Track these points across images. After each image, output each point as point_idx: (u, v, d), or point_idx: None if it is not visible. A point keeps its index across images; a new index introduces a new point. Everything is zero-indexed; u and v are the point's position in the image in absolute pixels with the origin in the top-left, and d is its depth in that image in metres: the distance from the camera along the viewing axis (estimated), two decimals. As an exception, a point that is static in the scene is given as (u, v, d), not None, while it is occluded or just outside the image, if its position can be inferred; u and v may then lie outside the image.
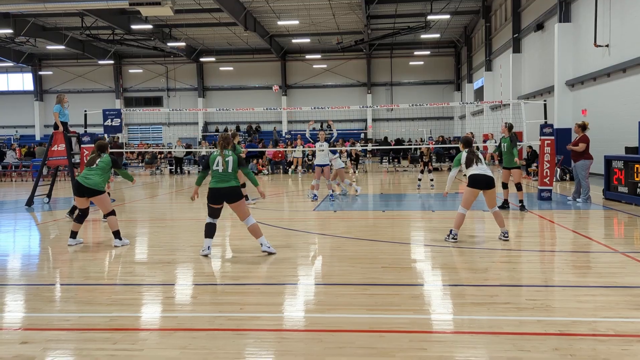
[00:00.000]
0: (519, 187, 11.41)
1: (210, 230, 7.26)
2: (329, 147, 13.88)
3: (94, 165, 8.21)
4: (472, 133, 22.48)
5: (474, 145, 8.43)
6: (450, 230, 7.99)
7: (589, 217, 10.58)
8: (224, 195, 7.13)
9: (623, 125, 16.43)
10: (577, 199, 12.17)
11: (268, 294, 5.44)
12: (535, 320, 4.47)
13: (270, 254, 7.20)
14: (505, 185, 11.64)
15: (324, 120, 43.18)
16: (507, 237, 7.94)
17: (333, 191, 13.87)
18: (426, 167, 16.93)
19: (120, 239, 8.16)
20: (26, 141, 40.14)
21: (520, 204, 11.28)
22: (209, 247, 7.22)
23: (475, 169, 7.93)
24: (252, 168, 23.57)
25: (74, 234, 8.29)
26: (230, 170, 7.11)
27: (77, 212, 8.46)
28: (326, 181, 13.81)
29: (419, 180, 16.73)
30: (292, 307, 5.07)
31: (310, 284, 5.88)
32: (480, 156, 8.09)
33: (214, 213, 7.31)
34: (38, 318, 4.83)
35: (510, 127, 11.65)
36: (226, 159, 7.12)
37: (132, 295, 5.49)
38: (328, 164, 13.58)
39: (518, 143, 11.70)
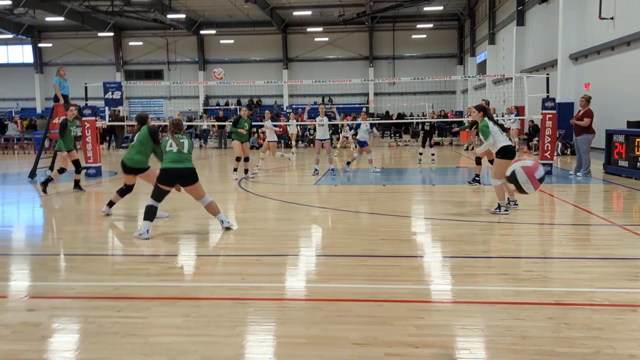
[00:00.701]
0: (478, 161, 11.23)
1: (151, 213, 6.75)
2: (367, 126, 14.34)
3: (133, 143, 7.99)
4: (486, 101, 22.32)
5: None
6: (499, 204, 7.93)
7: (588, 190, 10.63)
8: (178, 176, 6.79)
9: (626, 99, 16.35)
10: (578, 174, 12.20)
11: (269, 265, 5.52)
12: (531, 291, 4.55)
13: (228, 229, 7.01)
14: (478, 161, 11.31)
15: (326, 94, 43.02)
16: (517, 204, 8.22)
17: (350, 162, 14.34)
18: (428, 140, 16.90)
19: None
20: (27, 114, 40.01)
21: (476, 178, 11.15)
22: (147, 230, 6.65)
23: (505, 140, 7.97)
24: (253, 142, 23.55)
25: (111, 203, 8.30)
26: (185, 150, 6.82)
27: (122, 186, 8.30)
28: (327, 155, 13.84)
29: (420, 154, 16.73)
30: (292, 278, 5.15)
31: (311, 255, 5.96)
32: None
33: (160, 195, 6.86)
34: (44, 287, 4.92)
35: (487, 103, 11.99)
36: (181, 140, 6.84)
37: (136, 266, 5.57)
38: (328, 138, 13.60)
39: (515, 117, 11.70)
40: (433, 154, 17.11)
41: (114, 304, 4.36)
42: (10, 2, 30.95)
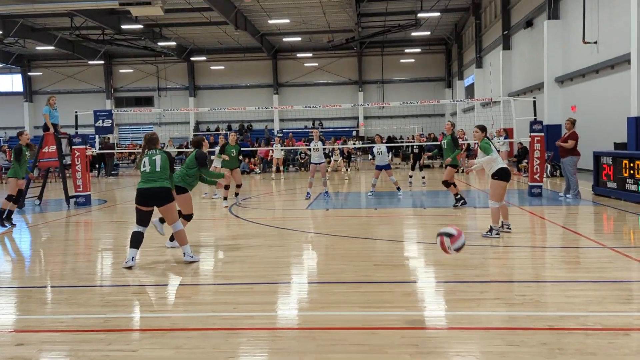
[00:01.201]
0: (446, 184, 11.38)
1: (136, 240, 6.59)
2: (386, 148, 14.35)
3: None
4: (461, 130, 22.60)
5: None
6: (491, 227, 7.96)
7: (578, 212, 10.69)
8: (151, 196, 6.55)
9: (612, 121, 16.58)
10: (567, 195, 12.29)
11: (261, 293, 5.48)
12: (524, 316, 4.55)
13: (192, 263, 6.77)
14: (447, 184, 11.45)
15: (316, 119, 43.29)
16: (510, 228, 8.23)
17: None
18: (417, 163, 17.08)
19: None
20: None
21: (457, 198, 11.31)
22: (132, 257, 6.53)
23: (502, 161, 8.05)
24: (244, 167, 23.56)
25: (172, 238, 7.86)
26: (158, 168, 6.52)
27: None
28: (322, 179, 13.95)
29: (410, 177, 16.83)
30: (285, 306, 5.11)
31: (303, 283, 5.93)
32: None
33: (142, 218, 6.64)
34: (32, 320, 4.85)
35: (453, 125, 12.16)
36: (153, 158, 6.58)
37: (126, 297, 5.51)
38: (323, 162, 13.72)
39: (504, 139, 11.84)
40: (423, 177, 17.21)
41: (104, 337, 4.29)
42: (0, 32, 31.06)
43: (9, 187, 10.38)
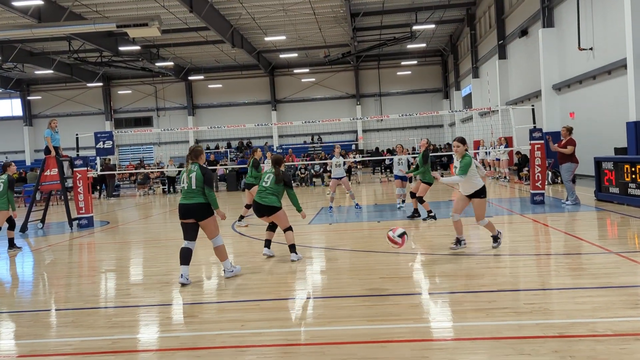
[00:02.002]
0: (420, 200, 11.52)
1: (184, 256, 6.73)
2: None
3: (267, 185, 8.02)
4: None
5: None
6: (494, 237, 7.88)
7: (581, 219, 10.68)
8: (190, 212, 6.73)
9: (611, 126, 16.63)
10: (566, 202, 12.29)
11: (268, 310, 5.46)
12: (534, 324, 4.52)
13: (235, 276, 6.97)
14: (417, 197, 11.68)
15: (315, 134, 43.40)
16: (498, 243, 7.85)
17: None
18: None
19: (296, 252, 7.90)
20: (16, 167, 39.89)
21: (429, 213, 11.46)
22: (182, 275, 6.63)
23: (479, 178, 7.76)
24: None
25: (267, 242, 8.25)
26: (194, 186, 6.69)
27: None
28: (347, 192, 14.40)
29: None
30: (292, 322, 5.09)
31: (310, 298, 5.90)
32: None
33: (187, 232, 6.82)
34: (39, 344, 4.82)
35: (428, 142, 12.19)
36: (189, 175, 6.74)
37: (133, 317, 5.49)
38: (344, 176, 14.26)
39: (504, 148, 11.83)
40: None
41: (112, 359, 4.27)
42: (-1, 57, 31.32)
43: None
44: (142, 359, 4.26)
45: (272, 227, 8.31)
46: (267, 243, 8.23)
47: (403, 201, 13.97)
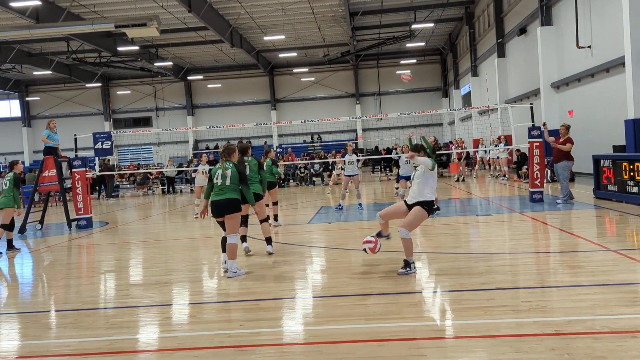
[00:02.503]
0: None
1: (225, 244, 7.20)
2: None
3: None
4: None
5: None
6: (406, 261, 6.58)
7: (580, 216, 10.69)
8: (220, 207, 7.02)
9: (610, 124, 16.63)
10: (558, 200, 12.30)
11: (267, 309, 5.46)
12: (531, 322, 4.53)
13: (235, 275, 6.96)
14: None
15: (315, 133, 43.39)
16: (406, 270, 6.48)
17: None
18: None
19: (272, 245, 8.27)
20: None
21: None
22: (224, 261, 7.21)
23: (434, 190, 6.77)
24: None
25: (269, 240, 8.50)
26: (228, 182, 7.02)
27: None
28: (355, 190, 14.28)
29: (397, 189, 16.90)
30: (291, 321, 5.09)
31: (308, 297, 5.91)
32: None
33: (223, 227, 7.26)
34: (38, 345, 4.82)
35: (435, 141, 12.12)
36: (224, 172, 7.06)
37: (131, 318, 5.49)
38: (356, 174, 14.10)
39: (504, 146, 11.81)
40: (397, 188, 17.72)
41: (111, 359, 4.27)
42: (-3, 58, 31.30)
43: (3, 217, 10.18)
44: (140, 359, 4.27)
45: (244, 223, 8.43)
46: (243, 238, 8.43)
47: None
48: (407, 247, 6.53)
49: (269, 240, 8.32)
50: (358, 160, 14.96)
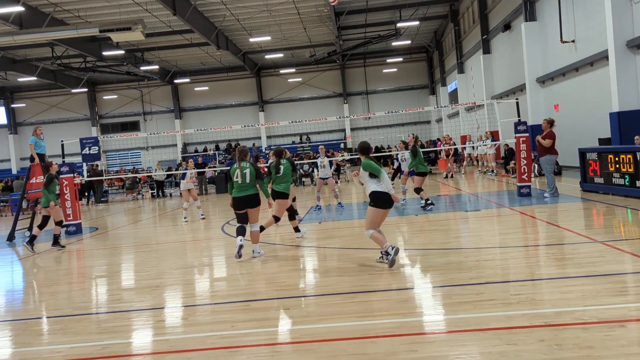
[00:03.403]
0: (417, 191, 12.45)
1: (241, 231, 8.05)
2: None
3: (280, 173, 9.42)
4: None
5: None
6: (381, 252, 6.92)
7: (567, 209, 10.79)
8: (244, 203, 7.97)
9: (594, 117, 16.80)
10: (545, 194, 12.41)
11: (258, 310, 5.47)
12: (521, 314, 4.58)
13: (258, 255, 8.10)
14: (414, 189, 12.64)
15: (303, 133, 43.41)
16: (389, 260, 6.59)
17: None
18: (398, 173, 17.56)
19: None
20: (2, 175, 39.56)
21: (424, 203, 12.27)
22: (240, 239, 7.94)
23: (377, 185, 6.86)
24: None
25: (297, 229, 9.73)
26: (248, 180, 7.93)
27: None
28: (332, 192, 14.57)
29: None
30: (282, 321, 5.11)
31: (300, 296, 5.93)
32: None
33: (241, 219, 8.13)
34: (29, 352, 4.79)
35: (415, 138, 12.81)
36: (243, 172, 7.93)
37: (122, 322, 5.47)
38: (330, 177, 14.40)
39: (491, 142, 11.94)
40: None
41: (102, 364, 4.26)
42: (-19, 66, 30.99)
43: (54, 214, 10.94)
44: (132, 363, 4.26)
45: (292, 215, 9.84)
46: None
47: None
48: (376, 241, 6.89)
49: (256, 235, 8.28)
50: (331, 163, 15.08)
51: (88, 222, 16.55)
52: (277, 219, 9.30)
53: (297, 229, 9.73)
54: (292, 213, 9.92)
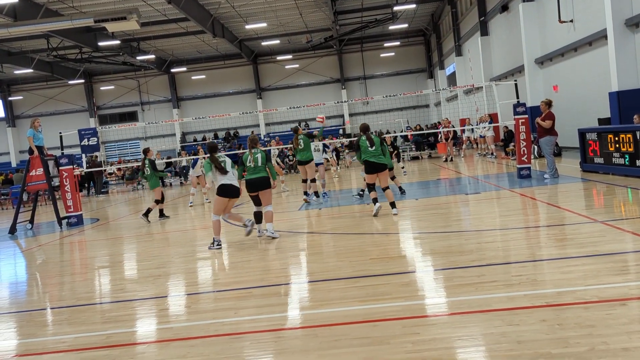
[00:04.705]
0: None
1: (258, 217, 8.77)
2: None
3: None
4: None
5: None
6: (213, 239, 8.35)
7: (567, 190, 10.80)
8: (256, 184, 8.53)
9: (594, 97, 16.75)
10: (545, 175, 12.41)
11: (261, 296, 5.49)
12: (522, 295, 4.60)
13: (273, 238, 8.47)
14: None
15: (302, 120, 43.29)
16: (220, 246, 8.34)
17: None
18: (398, 156, 18.02)
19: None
20: (2, 169, 39.54)
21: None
22: (258, 230, 8.78)
23: (222, 179, 8.33)
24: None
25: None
26: (259, 164, 8.56)
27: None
28: (320, 180, 13.90)
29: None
30: (285, 307, 5.13)
31: (302, 282, 5.95)
32: (228, 161, 8.46)
33: (255, 201, 8.74)
34: (34, 343, 4.83)
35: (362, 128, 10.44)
36: (255, 156, 8.57)
37: (126, 312, 5.50)
38: (321, 163, 13.98)
39: (489, 124, 11.93)
40: (403, 167, 18.22)
41: (107, 353, 4.29)
42: (-24, 59, 30.82)
43: (155, 194, 12.74)
44: (136, 351, 4.29)
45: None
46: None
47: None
48: (214, 227, 8.37)
49: (269, 215, 8.79)
50: (324, 149, 15.04)
51: (89, 213, 16.57)
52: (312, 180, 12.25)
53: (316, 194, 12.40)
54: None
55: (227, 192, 8.28)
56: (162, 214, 13.04)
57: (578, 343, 3.52)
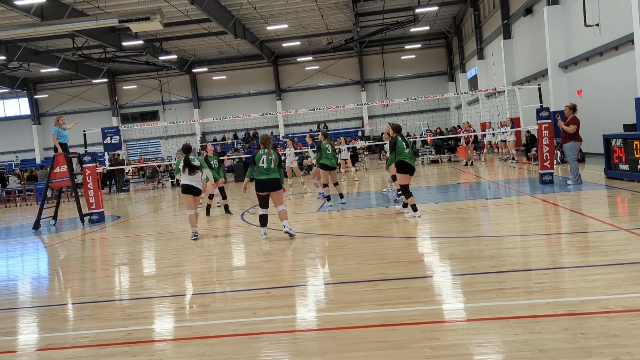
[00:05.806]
0: (394, 178, 12.06)
1: (263, 220, 8.86)
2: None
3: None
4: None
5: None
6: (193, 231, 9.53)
7: (591, 197, 10.63)
8: (268, 185, 8.63)
9: (619, 103, 16.46)
10: (568, 181, 12.21)
11: (279, 297, 5.50)
12: (544, 303, 4.53)
13: (290, 235, 8.57)
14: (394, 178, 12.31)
15: (321, 122, 43.34)
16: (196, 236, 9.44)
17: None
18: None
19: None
20: (27, 165, 40.28)
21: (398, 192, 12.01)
22: (264, 233, 8.87)
23: (185, 179, 9.50)
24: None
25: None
26: (273, 166, 8.67)
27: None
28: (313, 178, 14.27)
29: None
30: (303, 308, 5.13)
31: (320, 284, 5.95)
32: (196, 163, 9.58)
33: (263, 202, 8.79)
34: (56, 337, 4.90)
35: (396, 128, 10.56)
36: (269, 158, 8.65)
37: (146, 309, 5.56)
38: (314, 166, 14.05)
39: (511, 129, 11.72)
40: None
41: (128, 349, 4.33)
42: (4, 57, 31.43)
43: (210, 188, 12.90)
44: (156, 348, 4.33)
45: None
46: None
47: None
48: (190, 222, 9.65)
49: (283, 213, 8.94)
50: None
51: (110, 210, 16.79)
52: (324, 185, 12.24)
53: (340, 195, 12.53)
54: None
55: (189, 190, 9.51)
56: (227, 209, 13.08)
57: (602, 353, 3.46)
